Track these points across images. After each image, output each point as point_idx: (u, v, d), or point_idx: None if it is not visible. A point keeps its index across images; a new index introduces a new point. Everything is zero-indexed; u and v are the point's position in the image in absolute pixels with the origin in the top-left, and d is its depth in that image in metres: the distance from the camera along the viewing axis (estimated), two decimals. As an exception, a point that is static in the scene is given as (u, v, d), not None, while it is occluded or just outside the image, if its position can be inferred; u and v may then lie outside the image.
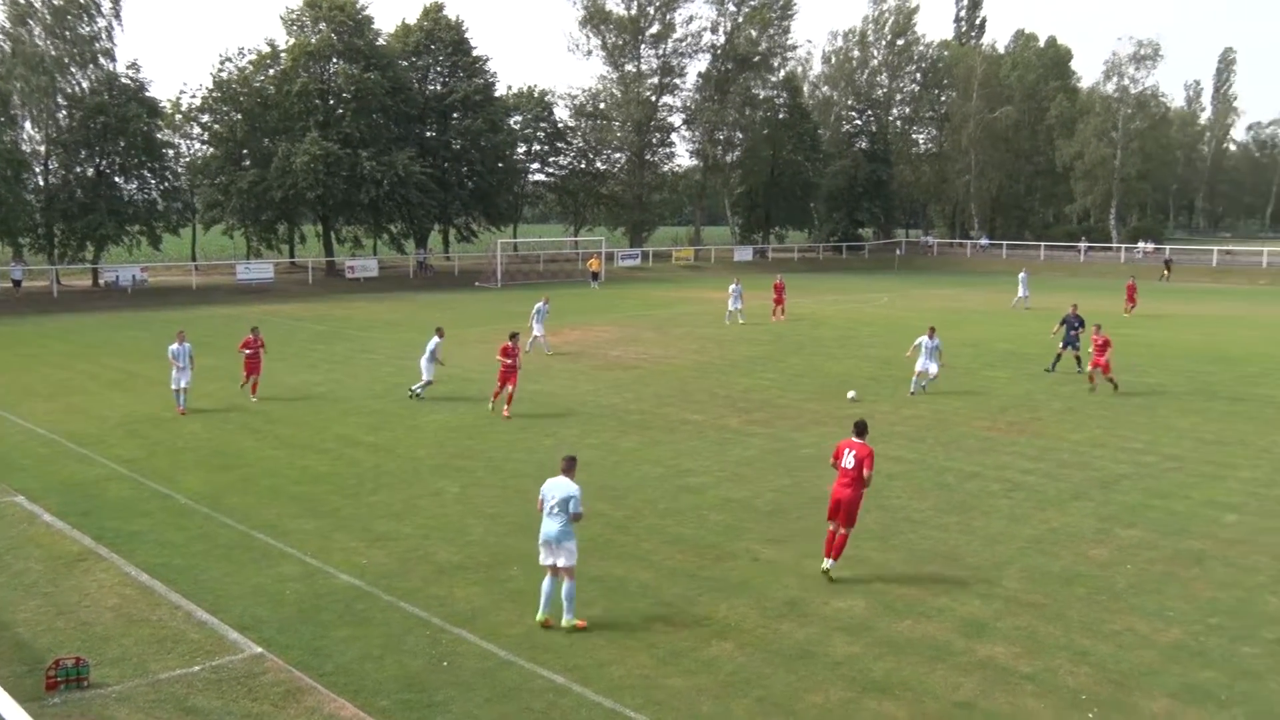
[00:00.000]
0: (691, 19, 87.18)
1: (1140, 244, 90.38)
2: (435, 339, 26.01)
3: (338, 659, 11.09)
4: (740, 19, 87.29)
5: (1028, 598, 12.89)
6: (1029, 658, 11.25)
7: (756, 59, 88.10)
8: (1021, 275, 52.25)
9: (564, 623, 11.71)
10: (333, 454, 20.36)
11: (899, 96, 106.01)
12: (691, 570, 13.87)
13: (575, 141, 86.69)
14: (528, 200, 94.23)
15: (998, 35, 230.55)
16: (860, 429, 13.86)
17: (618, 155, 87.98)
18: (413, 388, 25.98)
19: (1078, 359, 29.93)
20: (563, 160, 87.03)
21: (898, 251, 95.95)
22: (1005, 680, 10.73)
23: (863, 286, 64.75)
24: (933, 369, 26.56)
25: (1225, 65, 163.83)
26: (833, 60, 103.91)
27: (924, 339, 26.59)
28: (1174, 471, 19.19)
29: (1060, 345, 30.41)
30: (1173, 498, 17.41)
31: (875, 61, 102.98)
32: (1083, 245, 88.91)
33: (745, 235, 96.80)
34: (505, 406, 23.48)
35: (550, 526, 11.74)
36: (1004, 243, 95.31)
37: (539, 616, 11.91)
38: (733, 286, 43.21)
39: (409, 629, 11.90)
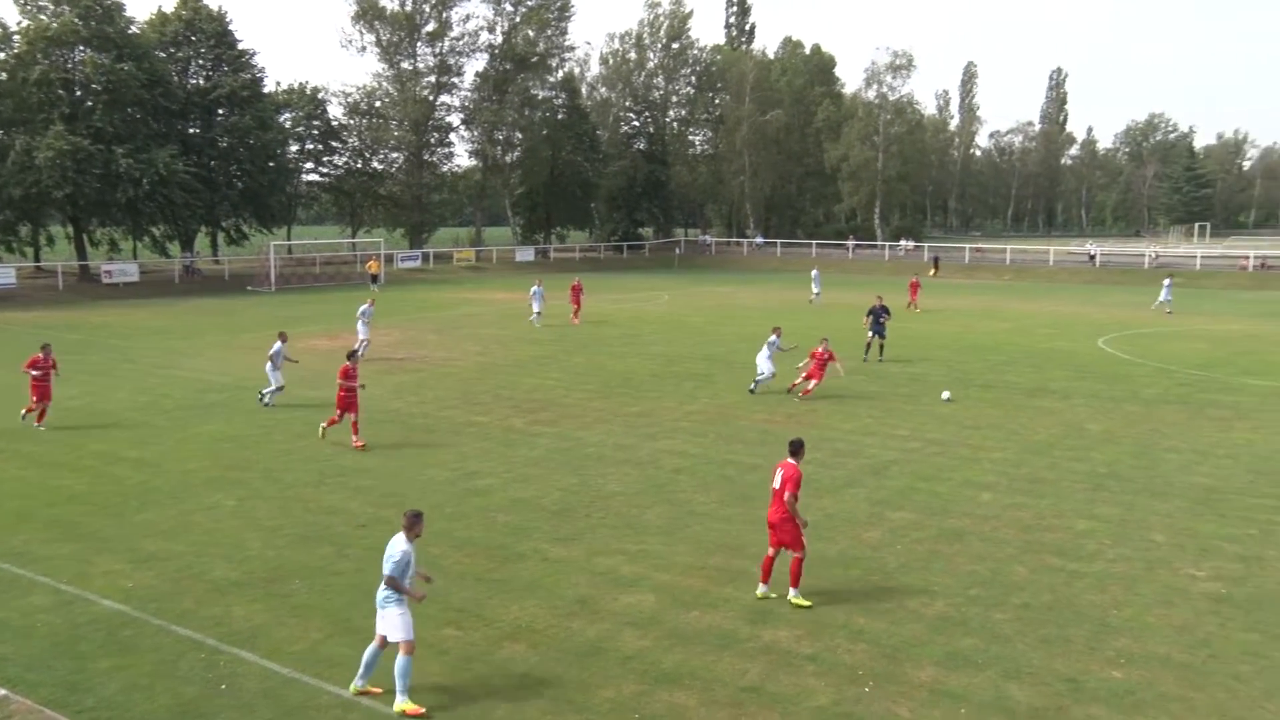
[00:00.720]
0: (469, 18, 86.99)
1: (902, 242, 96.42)
2: (278, 343, 25.08)
3: (100, 692, 10.33)
4: (518, 19, 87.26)
5: (808, 583, 13.41)
6: (810, 639, 11.75)
7: (535, 59, 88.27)
8: (814, 273, 55.96)
9: (395, 707, 9.99)
10: (92, 472, 18.94)
11: (675, 99, 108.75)
12: (480, 573, 13.74)
13: (351, 141, 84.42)
14: (302, 201, 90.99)
15: (767, 41, 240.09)
16: (792, 448, 12.89)
17: (395, 155, 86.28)
18: (262, 392, 25.14)
19: (881, 347, 32.97)
20: (338, 160, 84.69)
21: (677, 251, 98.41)
22: (789, 662, 11.17)
23: (644, 285, 65.96)
24: (768, 368, 27.02)
25: (969, 77, 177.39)
26: (610, 62, 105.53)
27: (773, 338, 27.29)
28: (937, 456, 20.52)
29: (869, 334, 33.05)
30: (936, 480, 18.61)
31: (651, 64, 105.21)
32: (851, 243, 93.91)
33: (527, 236, 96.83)
34: (354, 437, 20.77)
35: (379, 592, 10.30)
36: (778, 241, 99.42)
37: (353, 687, 10.36)
38: (535, 288, 43.05)
39: (182, 653, 11.23)
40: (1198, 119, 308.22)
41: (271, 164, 72.05)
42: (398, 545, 10.20)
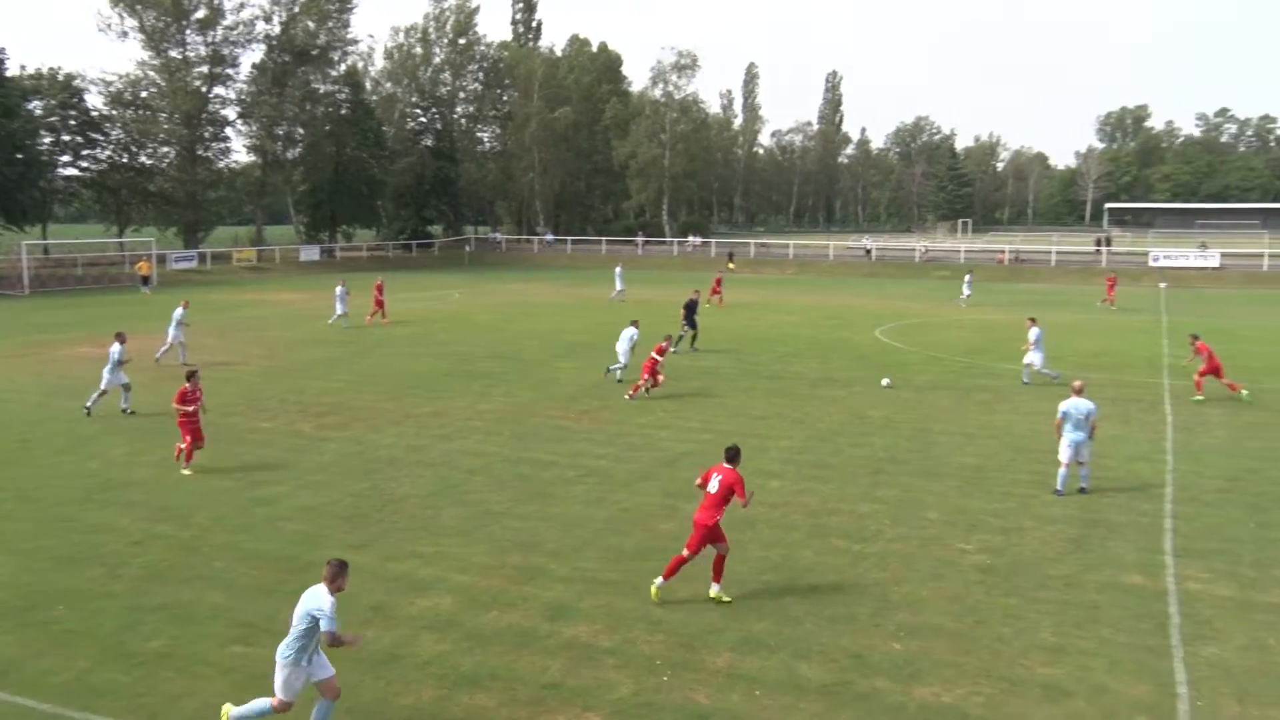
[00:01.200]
0: (243, 6, 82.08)
1: (690, 237, 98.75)
2: (116, 345, 23.52)
3: None
4: (296, 9, 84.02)
5: (605, 576, 13.54)
6: (609, 633, 11.83)
7: (315, 52, 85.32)
8: (618, 270, 56.65)
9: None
10: None
11: (463, 95, 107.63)
12: (270, 586, 13.11)
13: (114, 133, 78.90)
14: (59, 197, 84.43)
15: (554, 39, 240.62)
16: (731, 455, 12.95)
17: (166, 149, 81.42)
18: (90, 400, 23.70)
19: (694, 337, 34.92)
20: (100, 153, 78.97)
21: (467, 248, 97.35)
22: (589, 657, 11.20)
23: (434, 284, 64.87)
24: (624, 358, 27.87)
25: (751, 78, 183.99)
26: (395, 56, 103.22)
27: (632, 330, 28.16)
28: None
29: (684, 326, 34.77)
30: (725, 469, 19.08)
31: (438, 59, 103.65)
32: (640, 239, 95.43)
33: (311, 234, 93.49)
34: (184, 462, 18.91)
35: (287, 645, 9.12)
36: (568, 238, 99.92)
37: None
38: (339, 289, 41.79)
39: (-77, 696, 10.19)
40: (958, 122, 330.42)
41: (20, 156, 66.62)
42: (318, 597, 8.91)
